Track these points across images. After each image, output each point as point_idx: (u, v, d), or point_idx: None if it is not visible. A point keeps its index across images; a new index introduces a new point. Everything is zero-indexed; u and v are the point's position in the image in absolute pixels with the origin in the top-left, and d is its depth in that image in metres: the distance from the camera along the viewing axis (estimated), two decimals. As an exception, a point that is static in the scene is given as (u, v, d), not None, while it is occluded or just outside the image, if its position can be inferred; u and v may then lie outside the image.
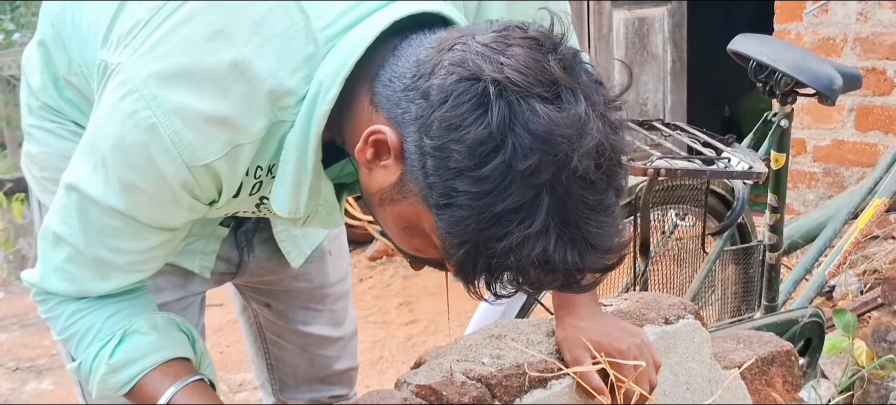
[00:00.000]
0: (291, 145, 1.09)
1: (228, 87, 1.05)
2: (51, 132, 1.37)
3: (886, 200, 2.41)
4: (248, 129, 1.07)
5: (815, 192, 3.84)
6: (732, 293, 2.32)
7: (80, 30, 1.27)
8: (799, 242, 2.53)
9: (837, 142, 3.75)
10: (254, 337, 1.77)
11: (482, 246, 0.96)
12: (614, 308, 1.54)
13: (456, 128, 0.95)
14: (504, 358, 1.36)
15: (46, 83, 1.35)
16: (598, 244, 0.99)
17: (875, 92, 3.63)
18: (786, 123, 2.18)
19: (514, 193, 0.94)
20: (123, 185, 1.09)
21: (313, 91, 1.07)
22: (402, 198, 1.03)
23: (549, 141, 0.94)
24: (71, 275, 1.19)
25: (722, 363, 1.57)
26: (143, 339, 1.22)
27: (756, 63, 2.12)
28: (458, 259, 0.99)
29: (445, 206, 0.97)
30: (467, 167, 0.95)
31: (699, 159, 1.87)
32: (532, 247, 0.95)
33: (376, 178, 1.05)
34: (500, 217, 0.95)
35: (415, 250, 1.10)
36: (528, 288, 1.02)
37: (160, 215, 1.13)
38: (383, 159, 1.03)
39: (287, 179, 1.12)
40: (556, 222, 0.96)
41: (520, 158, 0.94)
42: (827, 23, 3.69)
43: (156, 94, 1.05)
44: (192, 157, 1.06)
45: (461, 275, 1.01)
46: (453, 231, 0.97)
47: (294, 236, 1.57)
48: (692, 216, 2.21)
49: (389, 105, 1.03)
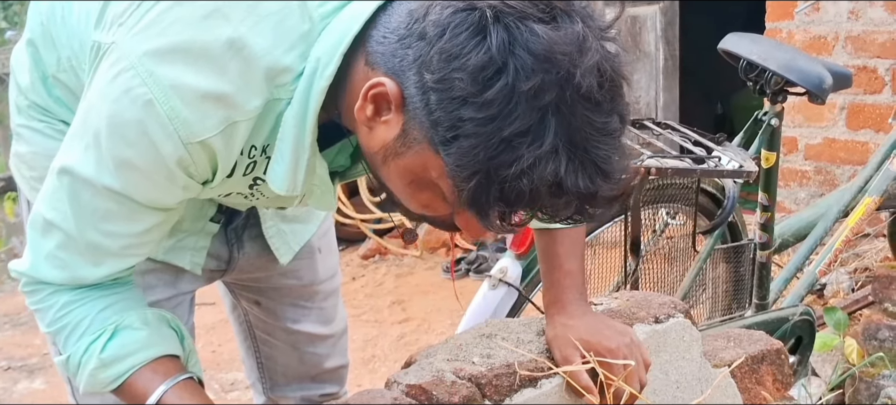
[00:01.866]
0: (289, 122, 1.10)
1: (225, 65, 1.05)
2: (39, 132, 1.36)
3: (877, 198, 2.42)
4: (244, 107, 1.07)
5: (806, 189, 3.85)
6: (723, 291, 2.33)
7: (70, 24, 1.27)
8: (790, 240, 2.53)
9: (829, 140, 3.76)
10: (244, 335, 1.77)
11: (493, 172, 0.96)
12: (605, 307, 1.55)
13: (456, 57, 0.96)
14: (494, 357, 1.36)
15: (35, 82, 1.35)
16: (608, 168, 0.99)
17: (866, 90, 3.64)
18: (776, 122, 2.18)
19: (521, 116, 0.95)
20: (118, 163, 1.09)
21: (310, 67, 1.07)
22: (406, 148, 1.03)
23: (550, 59, 0.95)
24: (63, 262, 1.18)
25: (712, 361, 1.57)
26: (135, 335, 1.22)
27: (746, 62, 2.13)
28: (471, 190, 0.98)
29: (453, 140, 0.97)
30: (471, 93, 0.95)
31: (690, 158, 1.87)
32: (543, 169, 0.95)
33: (378, 136, 1.05)
34: (508, 141, 0.95)
35: (423, 206, 1.09)
36: (542, 215, 1.02)
37: (155, 193, 1.13)
38: (384, 115, 1.03)
39: (285, 157, 1.11)
40: (564, 144, 0.96)
41: (523, 79, 0.94)
42: (818, 21, 3.70)
43: (152, 70, 1.05)
44: (188, 133, 1.06)
45: (475, 207, 1.00)
46: (463, 163, 0.97)
47: (283, 232, 1.57)
48: (683, 215, 2.22)
49: (386, 58, 1.03)
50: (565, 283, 1.41)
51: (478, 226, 1.08)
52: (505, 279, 2.02)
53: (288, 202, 1.32)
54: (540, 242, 1.45)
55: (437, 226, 1.14)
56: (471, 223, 1.08)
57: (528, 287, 2.06)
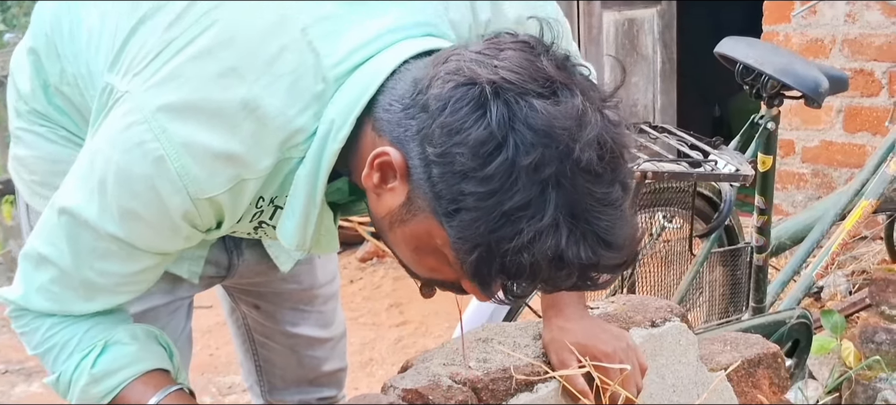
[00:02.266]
0: (301, 181, 1.11)
1: (238, 125, 1.06)
2: (41, 136, 1.36)
3: (874, 201, 2.42)
4: (254, 166, 1.08)
5: (803, 192, 3.85)
6: (720, 295, 2.33)
7: (78, 42, 1.26)
8: (787, 244, 2.54)
9: (826, 143, 3.77)
10: (242, 338, 1.77)
11: (494, 246, 0.97)
12: (601, 311, 1.55)
13: (457, 131, 0.97)
14: (491, 361, 1.37)
15: (36, 90, 1.35)
16: (610, 239, 0.99)
17: (863, 93, 3.64)
18: (773, 126, 2.18)
19: (521, 190, 0.95)
20: (123, 213, 1.10)
21: (324, 129, 1.08)
22: (411, 216, 1.04)
23: (550, 134, 0.96)
24: (55, 296, 1.19)
25: (708, 365, 1.58)
26: (125, 350, 1.22)
27: (743, 66, 2.13)
28: (472, 263, 0.99)
29: (455, 213, 0.98)
30: (472, 168, 0.96)
31: (686, 162, 1.88)
32: (544, 243, 0.96)
33: (385, 202, 1.06)
34: (509, 215, 0.96)
35: (429, 271, 1.10)
36: (544, 287, 1.03)
37: (157, 242, 1.14)
38: (390, 182, 1.04)
39: (296, 213, 1.13)
40: (565, 217, 0.97)
41: (522, 154, 0.95)
42: (815, 24, 3.70)
43: (165, 127, 1.06)
44: (197, 190, 1.07)
45: (476, 279, 1.01)
46: (464, 236, 0.98)
47: None
48: (679, 218, 2.22)
49: (391, 127, 1.04)
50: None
51: None
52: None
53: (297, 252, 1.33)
54: None
55: (446, 289, 1.14)
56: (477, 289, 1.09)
57: (524, 291, 2.05)
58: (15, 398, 3.26)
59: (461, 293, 1.13)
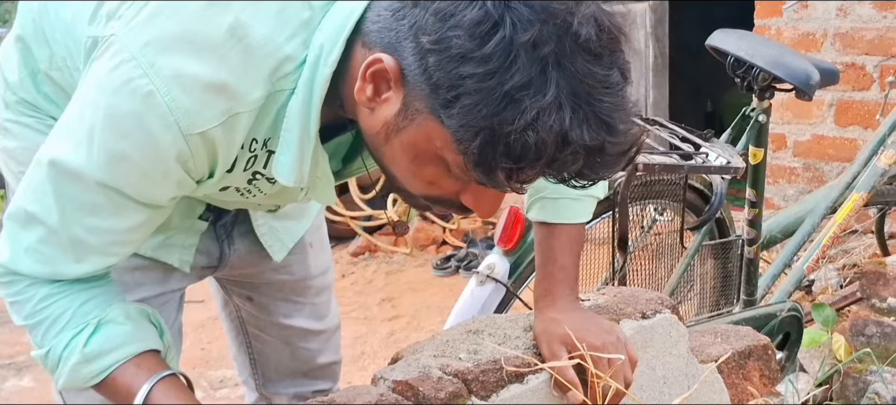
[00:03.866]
0: (294, 112, 1.09)
1: (226, 54, 1.04)
2: (29, 127, 1.36)
3: (865, 195, 2.43)
4: (245, 97, 1.06)
5: (795, 186, 3.86)
6: (711, 288, 2.33)
7: (64, 20, 1.26)
8: (778, 237, 2.54)
9: (817, 137, 3.78)
10: (236, 332, 1.77)
11: (498, 128, 0.95)
12: (592, 303, 1.55)
13: (451, 15, 0.95)
14: (481, 353, 1.36)
15: (24, 78, 1.34)
16: (613, 123, 0.98)
17: (854, 87, 3.65)
18: (764, 118, 2.19)
19: (521, 68, 0.94)
20: (112, 156, 1.08)
21: (313, 55, 1.07)
22: (408, 122, 1.02)
23: (547, 9, 0.95)
24: (44, 256, 1.16)
25: (699, 357, 1.58)
26: (119, 330, 1.20)
27: (734, 58, 2.13)
28: (476, 150, 0.97)
29: (454, 100, 0.96)
30: (469, 50, 0.94)
31: (677, 154, 1.88)
32: (548, 120, 0.94)
33: (380, 115, 1.04)
34: (510, 95, 0.94)
35: (427, 184, 1.08)
36: (550, 171, 1.00)
37: (147, 188, 1.12)
38: (383, 93, 1.03)
39: (292, 147, 1.11)
40: (567, 96, 0.95)
41: (520, 31, 0.94)
42: (807, 18, 3.71)
43: (153, 61, 1.04)
44: (188, 124, 1.05)
45: (481, 167, 0.99)
46: (466, 122, 0.96)
47: (275, 229, 1.56)
48: (671, 211, 2.22)
49: (381, 35, 1.03)
50: (558, 277, 1.41)
51: (485, 201, 1.08)
52: (492, 275, 2.02)
53: (284, 199, 1.31)
54: (538, 234, 1.44)
55: (445, 207, 1.13)
56: (478, 198, 1.08)
57: (515, 283, 2.06)
58: (6, 392, 3.25)
59: (460, 212, 1.11)
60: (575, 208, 1.42)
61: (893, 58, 3.50)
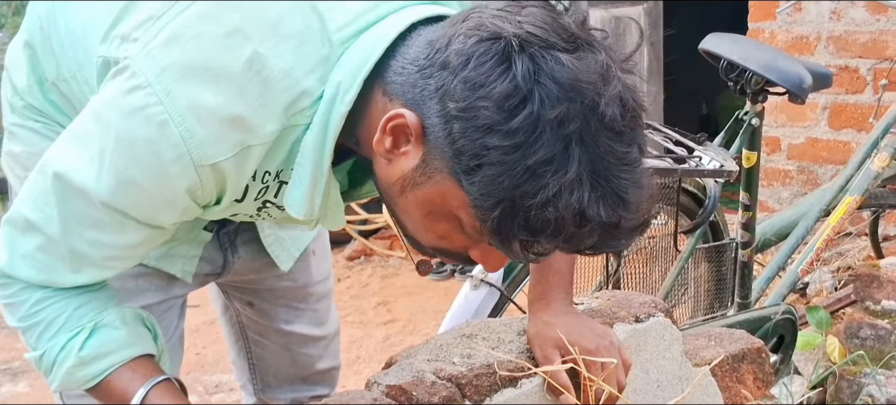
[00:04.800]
0: (308, 147, 1.09)
1: (244, 86, 1.04)
2: (35, 132, 1.36)
3: (858, 197, 2.44)
4: (259, 131, 1.06)
5: (789, 189, 3.87)
6: (705, 291, 2.34)
7: (73, 31, 1.25)
8: (772, 240, 2.55)
9: (811, 139, 3.79)
10: (236, 336, 1.77)
11: (519, 201, 0.96)
12: (586, 306, 1.55)
13: (481, 85, 0.95)
14: (474, 357, 1.36)
15: (32, 85, 1.34)
16: (629, 199, 0.98)
17: (848, 90, 3.66)
18: (757, 122, 2.19)
19: (545, 144, 0.94)
20: (121, 181, 1.07)
21: (330, 92, 1.07)
22: (426, 179, 1.02)
23: (576, 89, 0.95)
24: (41, 264, 1.16)
25: (693, 360, 1.58)
26: (115, 334, 1.20)
27: (727, 62, 2.14)
28: (495, 220, 0.97)
29: (477, 168, 0.96)
30: (496, 122, 0.95)
31: (671, 158, 1.88)
32: (568, 197, 0.95)
33: (397, 167, 1.04)
34: (533, 169, 0.95)
35: (438, 238, 1.08)
36: (566, 246, 1.01)
37: (152, 212, 1.12)
38: (403, 147, 1.03)
39: (304, 182, 1.11)
40: (588, 173, 0.96)
41: (548, 108, 0.94)
42: (800, 21, 3.72)
43: (169, 89, 1.03)
44: (201, 155, 1.05)
45: (498, 237, 0.99)
46: (487, 191, 0.96)
47: (281, 239, 1.57)
48: (665, 214, 2.22)
49: (405, 89, 1.03)
50: (553, 281, 1.41)
51: (494, 259, 1.08)
52: (486, 279, 2.02)
53: (293, 222, 1.31)
54: None
55: (451, 258, 1.13)
56: (487, 255, 1.08)
57: (509, 287, 2.06)
58: (1, 397, 3.24)
59: (466, 264, 1.12)
60: None
61: (887, 61, 3.51)
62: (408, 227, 1.11)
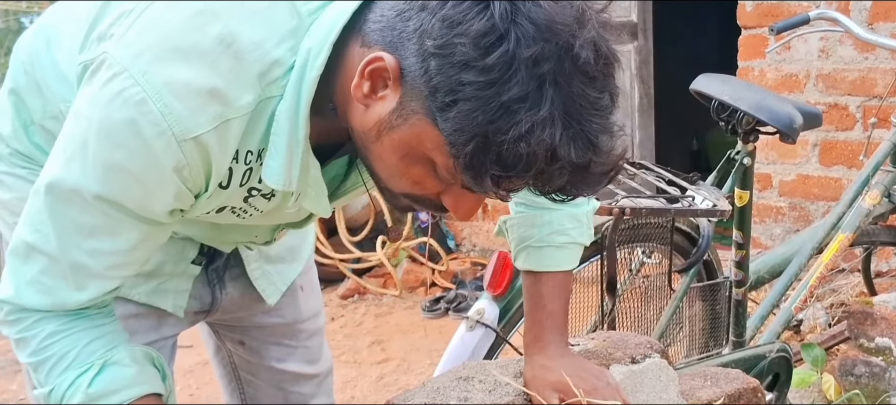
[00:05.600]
0: (282, 116, 1.10)
1: (216, 60, 1.06)
2: (22, 178, 1.36)
3: (850, 235, 2.45)
4: (236, 102, 1.07)
5: (781, 225, 3.89)
6: (700, 329, 2.34)
7: (55, 61, 1.28)
8: (765, 277, 2.56)
9: (802, 176, 3.81)
10: (229, 378, 1.76)
11: (492, 135, 0.97)
12: (582, 347, 1.55)
13: (459, 23, 0.97)
14: (471, 400, 1.36)
15: (17, 130, 1.35)
16: (599, 144, 1.00)
17: (838, 127, 3.69)
18: (748, 161, 2.21)
19: (520, 82, 0.96)
20: (107, 168, 1.08)
21: (301, 59, 1.09)
22: (402, 121, 1.03)
23: (552, 30, 0.97)
24: (46, 287, 1.17)
25: (689, 400, 1.58)
26: (124, 372, 1.20)
27: (718, 102, 2.16)
28: (468, 155, 0.98)
29: (452, 104, 0.98)
30: (472, 58, 0.96)
31: (664, 198, 1.89)
32: (540, 134, 0.96)
33: (374, 113, 1.05)
34: (506, 106, 0.96)
35: (411, 183, 1.09)
36: (536, 182, 1.02)
37: (144, 200, 1.12)
38: (380, 91, 1.04)
39: (280, 151, 1.12)
40: (560, 114, 0.97)
41: (523, 47, 0.96)
42: (789, 59, 3.76)
43: (145, 70, 1.05)
44: (181, 129, 1.06)
45: (471, 171, 1.00)
46: (461, 127, 0.98)
47: (268, 273, 1.57)
48: (658, 253, 2.23)
49: (384, 34, 1.04)
50: (546, 324, 1.42)
51: (465, 204, 1.09)
52: (482, 320, 2.03)
53: (280, 217, 1.30)
54: (525, 282, 1.46)
55: (424, 206, 1.14)
56: (459, 201, 1.09)
57: (505, 328, 2.06)
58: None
59: (439, 211, 1.13)
60: (559, 256, 1.44)
61: (875, 98, 3.55)
62: (382, 176, 1.12)
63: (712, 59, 4.35)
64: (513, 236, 1.47)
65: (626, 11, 4.53)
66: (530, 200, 1.45)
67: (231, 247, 1.50)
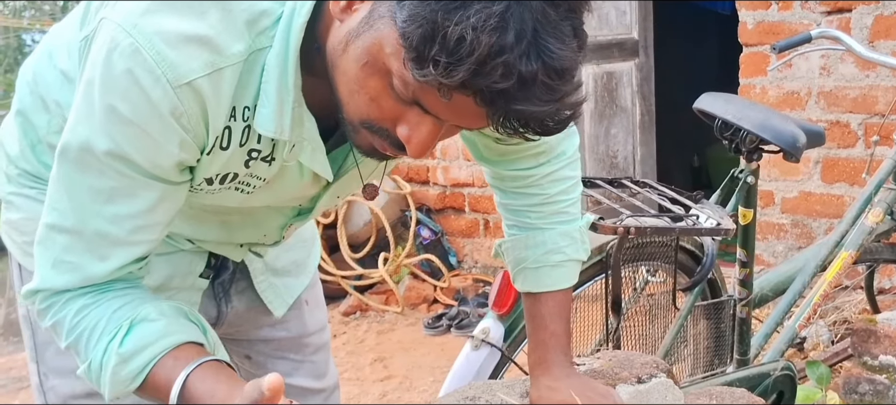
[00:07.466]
0: (272, 63, 1.12)
1: (205, 11, 1.09)
2: (31, 198, 1.38)
3: (853, 253, 2.45)
4: (226, 51, 1.09)
5: (784, 243, 3.89)
6: (704, 348, 2.34)
7: (59, 68, 1.30)
8: (769, 295, 2.56)
9: (805, 194, 3.81)
10: (236, 393, 1.76)
11: (440, 20, 0.96)
12: (587, 367, 1.55)
13: None
14: (478, 421, 1.36)
15: (25, 150, 1.37)
16: (552, 63, 0.99)
17: (840, 144, 3.70)
18: (752, 180, 2.21)
19: None
20: (112, 120, 1.09)
21: (289, 8, 1.11)
22: (367, 28, 1.05)
23: None
24: (71, 265, 1.17)
25: (695, 421, 1.58)
26: (152, 326, 1.18)
27: (721, 121, 2.17)
28: (415, 39, 0.98)
29: None
30: None
31: (668, 216, 1.90)
32: (489, 27, 0.95)
33: (346, 26, 1.07)
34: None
35: (369, 100, 1.08)
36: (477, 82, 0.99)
37: (153, 152, 1.12)
38: (355, 4, 1.07)
39: (271, 98, 1.13)
40: (515, 20, 0.97)
41: None
42: (791, 77, 3.77)
43: (136, 22, 1.08)
44: (175, 75, 1.07)
45: (416, 60, 0.99)
46: (415, 13, 0.98)
47: (275, 285, 1.58)
48: (663, 272, 2.24)
49: None
50: (550, 344, 1.42)
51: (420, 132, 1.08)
52: (487, 340, 2.02)
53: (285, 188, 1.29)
54: (526, 303, 1.46)
55: (381, 138, 1.12)
56: (414, 128, 1.08)
57: (510, 347, 2.06)
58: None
59: (395, 148, 1.12)
60: (556, 275, 1.44)
61: (877, 116, 3.56)
62: (343, 97, 1.11)
63: (713, 76, 4.37)
64: (509, 258, 1.48)
65: (627, 29, 4.54)
66: (522, 222, 1.45)
67: (241, 253, 1.50)
